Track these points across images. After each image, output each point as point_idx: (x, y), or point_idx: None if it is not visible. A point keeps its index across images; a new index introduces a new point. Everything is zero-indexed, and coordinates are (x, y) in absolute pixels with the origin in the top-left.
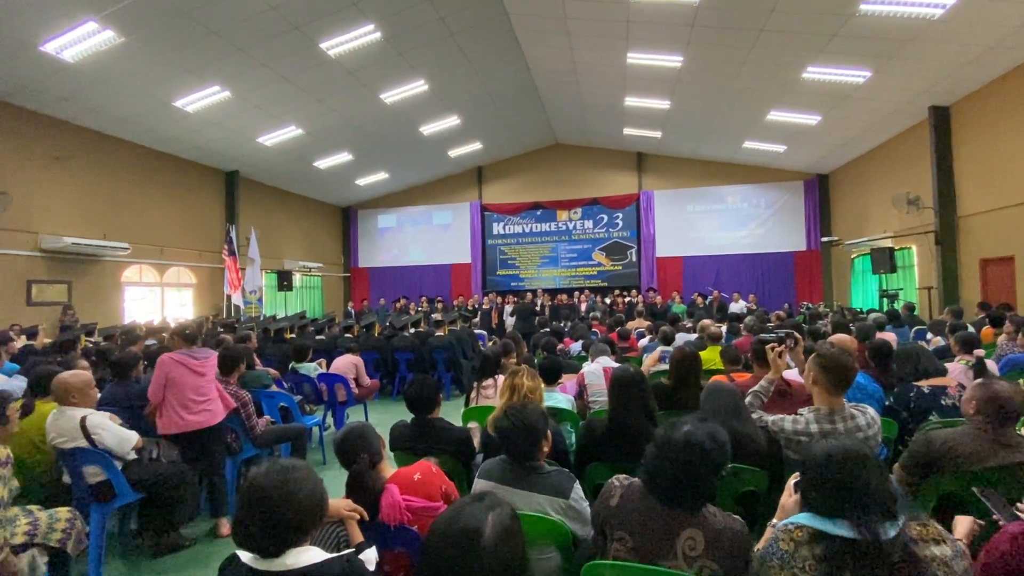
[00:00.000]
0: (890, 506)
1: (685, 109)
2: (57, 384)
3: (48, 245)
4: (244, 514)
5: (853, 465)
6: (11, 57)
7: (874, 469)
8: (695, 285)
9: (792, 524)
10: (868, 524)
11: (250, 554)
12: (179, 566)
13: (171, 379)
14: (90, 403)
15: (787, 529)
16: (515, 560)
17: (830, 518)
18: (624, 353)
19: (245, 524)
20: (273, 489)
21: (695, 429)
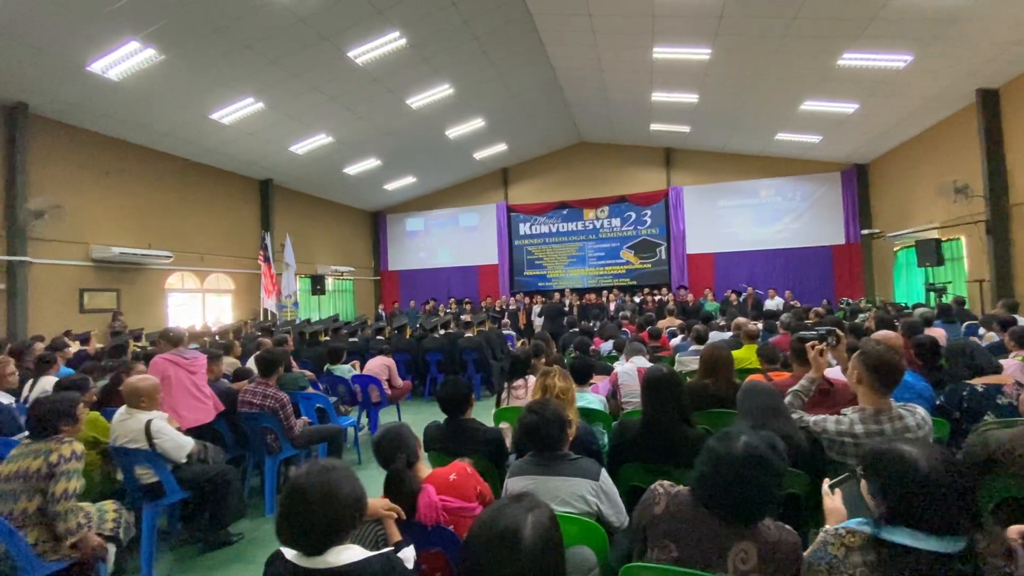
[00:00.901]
0: (977, 517)
1: (714, 102)
2: (128, 388)
3: (98, 255)
4: (287, 513)
5: (954, 476)
6: (62, 78)
7: (970, 478)
8: (728, 282)
9: (844, 528)
10: (959, 535)
11: (294, 551)
12: (225, 561)
13: (167, 378)
14: (157, 407)
15: (838, 533)
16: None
17: (909, 528)
18: (656, 352)
19: (289, 523)
20: (315, 488)
21: (754, 440)
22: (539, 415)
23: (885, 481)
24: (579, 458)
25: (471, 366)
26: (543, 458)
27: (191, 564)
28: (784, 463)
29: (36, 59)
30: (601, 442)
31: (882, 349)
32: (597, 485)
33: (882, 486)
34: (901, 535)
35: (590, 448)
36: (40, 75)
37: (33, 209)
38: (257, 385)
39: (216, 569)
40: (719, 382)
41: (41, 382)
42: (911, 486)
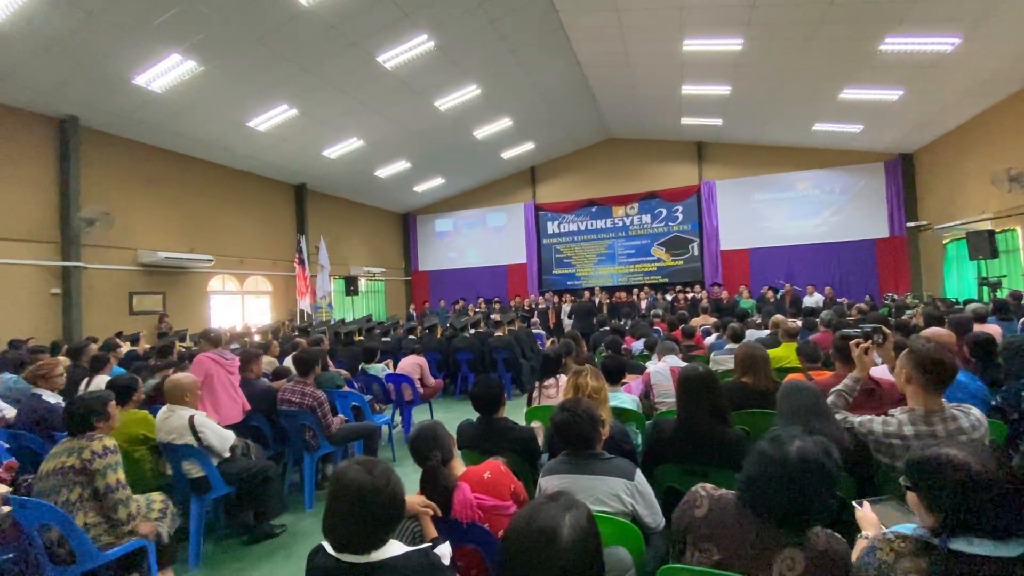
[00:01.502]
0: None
1: (748, 94)
2: (173, 384)
3: (145, 260)
4: (335, 511)
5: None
6: (109, 91)
7: None
8: (764, 278)
9: (893, 533)
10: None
11: None
12: (267, 554)
13: (209, 376)
14: (196, 403)
15: (887, 538)
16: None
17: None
18: (689, 351)
19: (336, 521)
20: (365, 486)
21: (807, 444)
22: (571, 413)
23: (933, 488)
24: (613, 457)
25: (501, 365)
26: (577, 457)
27: (235, 556)
28: (839, 469)
29: (85, 74)
30: (635, 442)
31: (933, 347)
32: (632, 485)
33: (930, 493)
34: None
35: (623, 448)
36: (89, 89)
37: (85, 217)
38: (296, 384)
39: (259, 561)
40: (758, 381)
41: (95, 381)
42: (962, 490)
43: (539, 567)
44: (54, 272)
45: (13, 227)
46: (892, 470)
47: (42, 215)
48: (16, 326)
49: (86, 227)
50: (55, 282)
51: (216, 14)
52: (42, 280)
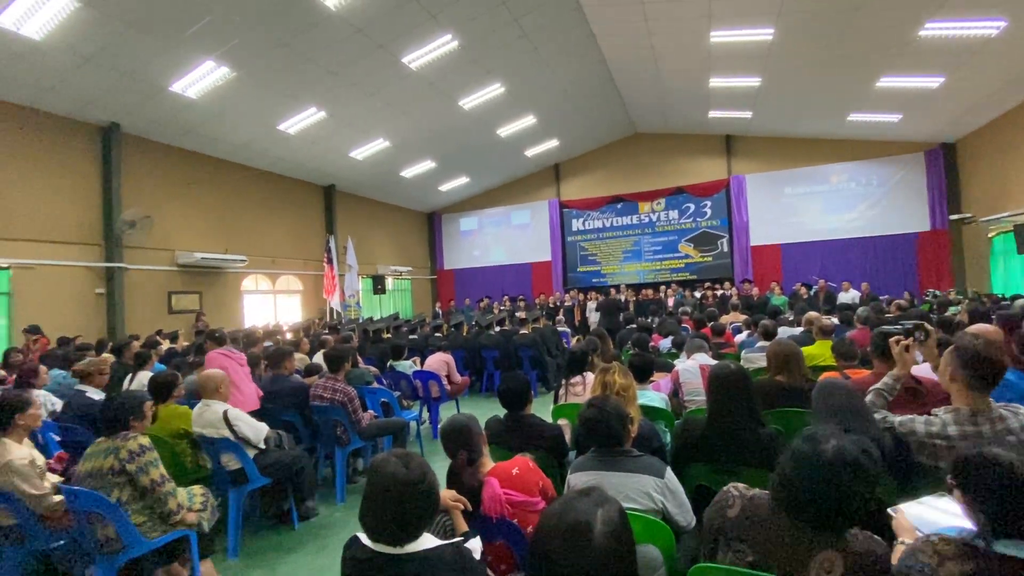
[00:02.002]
0: None
1: (779, 85)
2: (206, 379)
3: (183, 260)
4: (373, 501)
5: None
6: (148, 99)
7: None
8: (796, 274)
9: (937, 536)
10: None
11: None
12: (300, 544)
13: (224, 369)
14: (229, 395)
15: (930, 541)
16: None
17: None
18: (719, 349)
19: (375, 511)
20: (401, 479)
21: (845, 443)
22: (600, 410)
23: (978, 488)
24: (643, 455)
25: (527, 363)
26: (606, 454)
27: (271, 546)
28: (878, 469)
29: (126, 83)
30: (664, 440)
31: (980, 344)
32: (662, 483)
33: (975, 494)
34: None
35: (653, 446)
36: (129, 97)
37: (127, 220)
38: (327, 380)
39: (293, 552)
40: (792, 379)
41: (139, 377)
42: (1008, 491)
43: (572, 562)
44: (98, 273)
45: (61, 230)
46: (934, 471)
47: (87, 218)
48: (64, 324)
49: (128, 229)
50: (100, 282)
51: (246, 21)
52: (88, 281)
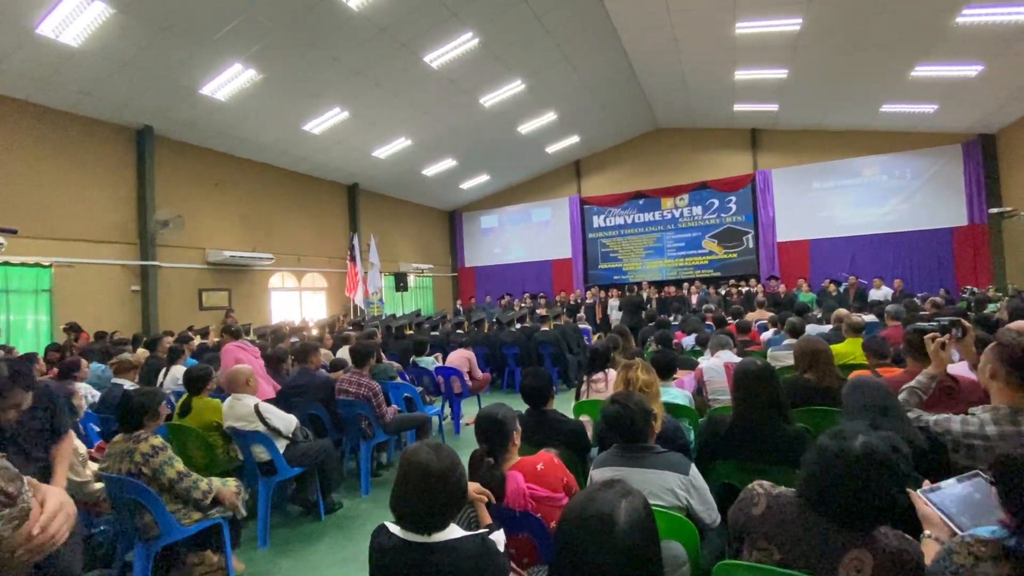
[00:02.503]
0: None
1: (807, 76)
2: (238, 373)
3: (212, 258)
4: (404, 489)
5: None
6: (180, 101)
7: None
8: (825, 271)
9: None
10: None
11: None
12: (326, 534)
13: (239, 360)
14: (255, 391)
15: (965, 542)
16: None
17: None
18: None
19: (406, 499)
20: (432, 469)
21: (873, 439)
22: (623, 406)
23: (1011, 488)
24: (667, 452)
25: (547, 360)
26: (629, 450)
27: (299, 536)
28: (908, 465)
29: (159, 86)
30: (687, 438)
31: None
32: (687, 480)
33: (1008, 493)
34: None
35: (677, 443)
36: (162, 100)
37: (160, 219)
38: (352, 375)
39: (321, 542)
40: (821, 377)
41: (172, 371)
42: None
43: (596, 552)
44: (134, 271)
45: (99, 230)
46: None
47: (123, 218)
48: (102, 320)
49: (161, 229)
50: (135, 280)
51: (272, 23)
52: (123, 278)
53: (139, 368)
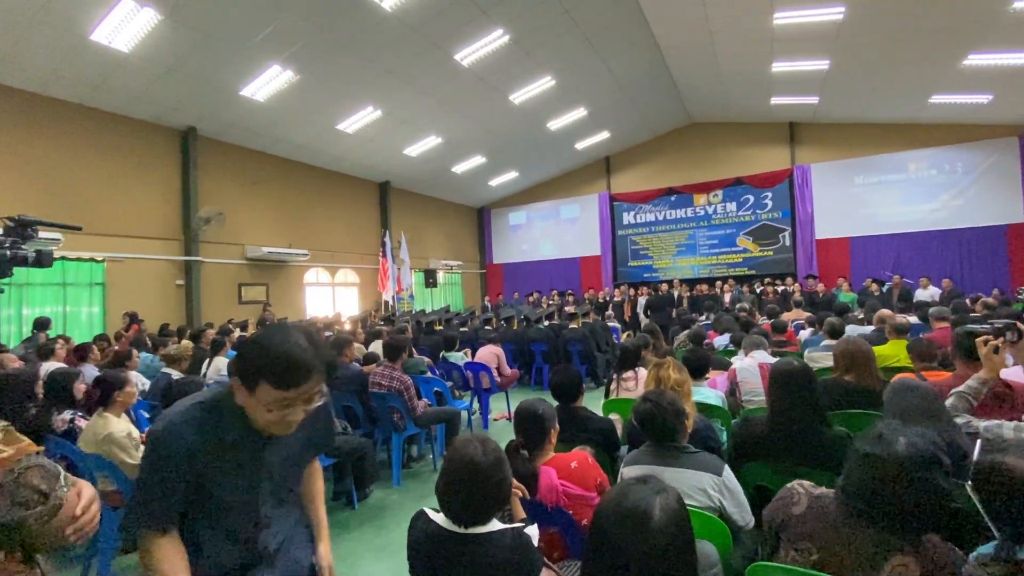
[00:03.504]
0: None
1: (850, 67)
2: None
3: (251, 254)
4: (453, 484)
5: None
6: (222, 103)
7: None
8: (867, 270)
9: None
10: None
11: (442, 515)
12: (361, 523)
13: None
14: None
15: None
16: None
17: None
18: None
19: (453, 492)
20: (480, 463)
21: (916, 440)
22: (655, 404)
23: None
24: (699, 451)
25: (575, 357)
26: (661, 449)
27: (333, 522)
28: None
29: (202, 89)
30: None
31: None
32: (720, 480)
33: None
34: None
35: (709, 443)
36: (205, 102)
37: (203, 217)
38: (385, 368)
39: (353, 530)
40: (862, 379)
41: (215, 362)
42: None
43: (630, 548)
44: (178, 266)
45: (147, 227)
46: None
47: (168, 216)
48: (150, 313)
49: (203, 226)
50: (179, 274)
51: (309, 25)
52: (169, 273)
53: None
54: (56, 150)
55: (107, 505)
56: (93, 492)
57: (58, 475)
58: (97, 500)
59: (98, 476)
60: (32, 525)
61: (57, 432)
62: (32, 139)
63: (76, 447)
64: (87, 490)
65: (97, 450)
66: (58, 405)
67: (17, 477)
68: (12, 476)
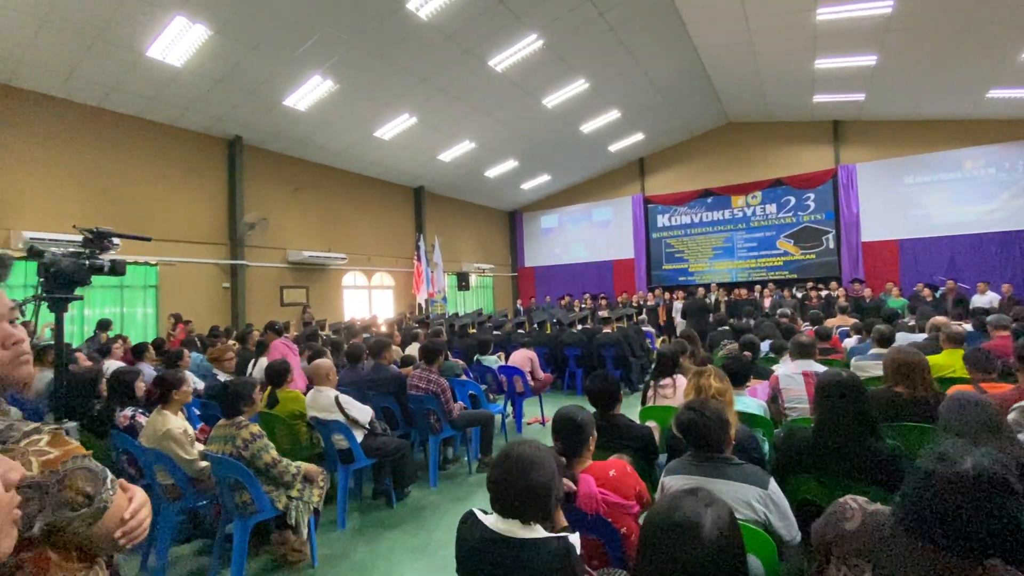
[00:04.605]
0: None
1: (899, 61)
2: (316, 368)
3: (292, 258)
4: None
5: None
6: (265, 113)
7: None
8: (918, 274)
9: None
10: None
11: (491, 516)
12: (400, 522)
13: (285, 355)
14: (335, 384)
15: None
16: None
17: None
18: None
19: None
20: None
21: (984, 460)
22: (699, 413)
23: None
24: (744, 463)
25: (609, 362)
26: (704, 459)
27: (372, 521)
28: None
29: (248, 100)
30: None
31: None
32: (765, 494)
33: None
34: None
35: (752, 455)
36: (250, 112)
37: (248, 222)
38: (422, 371)
39: (392, 528)
40: (915, 391)
41: (260, 362)
42: None
43: (681, 561)
44: (225, 270)
45: (196, 232)
46: None
47: (216, 221)
48: (199, 314)
49: (248, 231)
50: (226, 278)
51: (348, 36)
52: (216, 277)
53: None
54: (115, 160)
55: (165, 497)
56: (144, 497)
57: (105, 478)
58: (148, 505)
59: (157, 470)
60: (77, 527)
61: (120, 428)
62: (93, 150)
63: (137, 442)
64: (139, 495)
65: (156, 445)
66: (120, 402)
67: (62, 479)
68: (57, 478)
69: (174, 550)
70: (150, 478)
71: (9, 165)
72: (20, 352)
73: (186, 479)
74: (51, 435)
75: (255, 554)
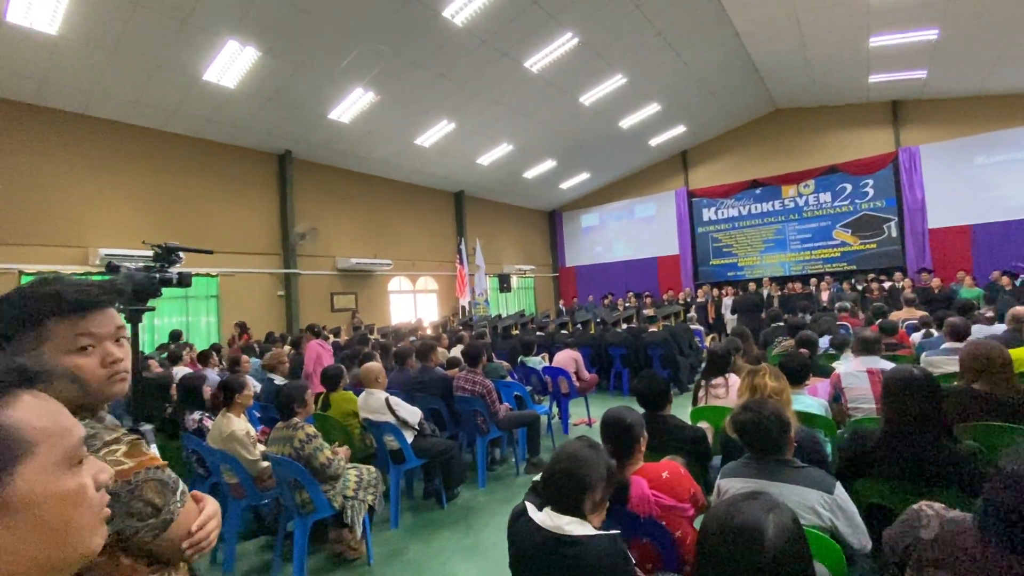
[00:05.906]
0: None
1: (963, 34)
2: (367, 371)
3: (341, 265)
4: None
5: None
6: (313, 127)
7: None
8: (993, 261)
9: None
10: None
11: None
12: (451, 523)
13: (319, 356)
14: (384, 386)
15: None
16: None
17: None
18: (892, 351)
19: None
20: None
21: None
22: (757, 414)
23: None
24: (807, 467)
25: (656, 362)
26: (763, 462)
27: (423, 521)
28: None
29: (296, 115)
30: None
31: None
32: (831, 499)
33: None
34: None
35: (815, 457)
36: (299, 127)
37: (299, 232)
38: (467, 373)
39: (443, 528)
40: (996, 388)
41: None
42: None
43: (743, 564)
44: (279, 278)
45: (252, 243)
46: None
47: (269, 232)
48: (256, 321)
49: (299, 241)
50: (279, 286)
51: (387, 48)
52: (271, 285)
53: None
54: (176, 178)
55: (231, 496)
56: (214, 509)
57: (176, 490)
58: (217, 516)
59: (223, 469)
60: (143, 536)
61: (189, 430)
62: (158, 170)
63: (205, 443)
64: (210, 506)
65: (222, 446)
66: (189, 406)
67: (133, 489)
68: (128, 487)
69: (243, 545)
70: (217, 477)
71: (86, 188)
72: (116, 371)
73: (249, 478)
74: (129, 445)
75: (314, 551)
